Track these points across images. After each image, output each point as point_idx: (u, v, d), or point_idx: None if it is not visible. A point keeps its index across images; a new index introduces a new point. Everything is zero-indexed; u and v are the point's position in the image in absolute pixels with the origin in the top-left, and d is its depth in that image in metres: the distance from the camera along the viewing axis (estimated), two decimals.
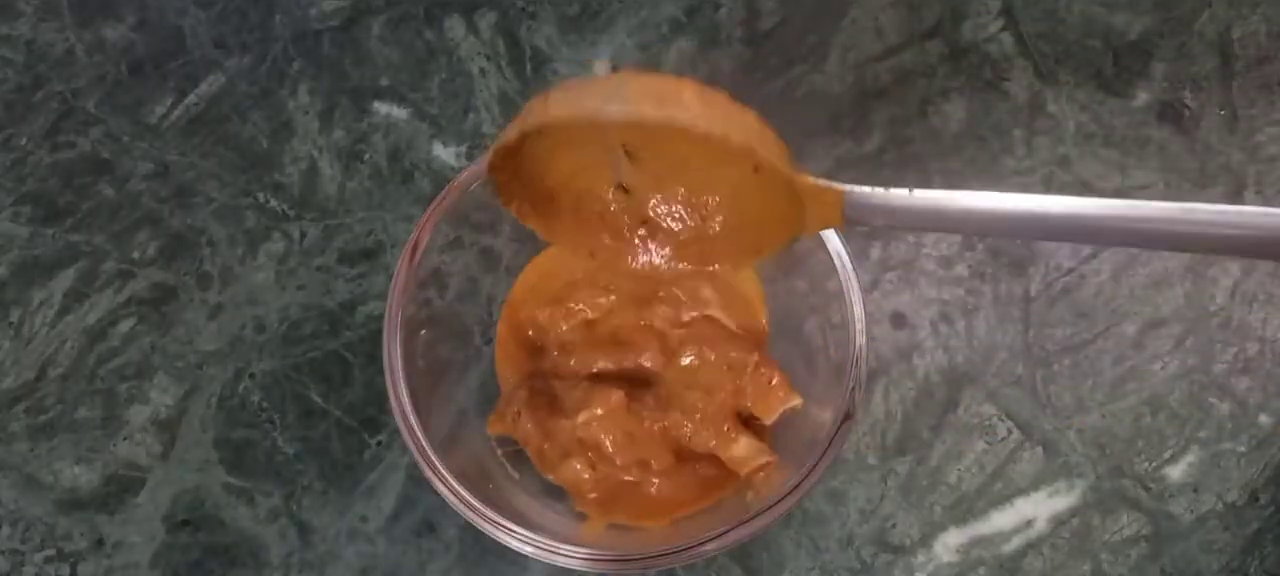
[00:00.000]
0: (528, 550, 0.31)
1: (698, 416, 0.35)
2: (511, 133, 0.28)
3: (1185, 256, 0.43)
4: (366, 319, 0.42)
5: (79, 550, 0.39)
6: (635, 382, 0.36)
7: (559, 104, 0.27)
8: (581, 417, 0.34)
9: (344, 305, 0.42)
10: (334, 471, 0.40)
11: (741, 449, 0.35)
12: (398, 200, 0.44)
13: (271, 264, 0.43)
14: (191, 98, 0.46)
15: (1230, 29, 0.47)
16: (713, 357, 0.36)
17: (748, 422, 0.36)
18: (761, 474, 0.35)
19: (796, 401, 0.36)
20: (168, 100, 0.46)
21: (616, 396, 0.34)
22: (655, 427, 0.35)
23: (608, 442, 0.34)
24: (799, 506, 0.38)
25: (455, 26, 0.48)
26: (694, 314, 0.37)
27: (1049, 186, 0.44)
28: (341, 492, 0.39)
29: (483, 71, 0.47)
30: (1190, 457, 0.40)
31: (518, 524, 0.31)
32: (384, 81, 0.46)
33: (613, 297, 0.37)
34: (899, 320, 0.42)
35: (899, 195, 0.26)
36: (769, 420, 0.35)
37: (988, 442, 0.40)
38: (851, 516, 0.39)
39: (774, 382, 0.35)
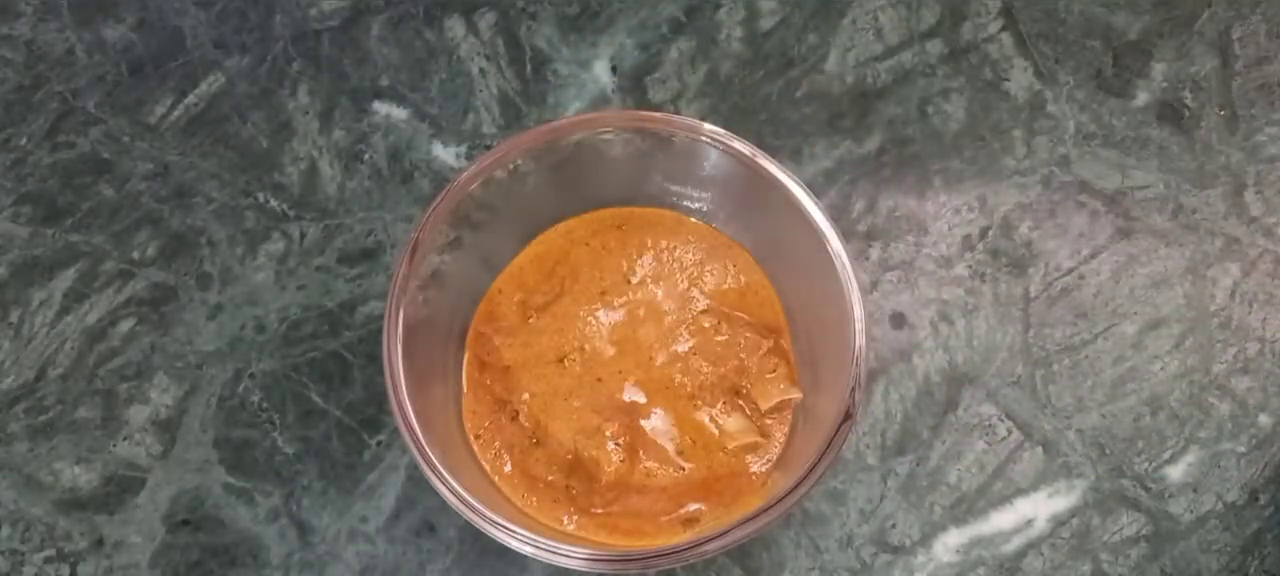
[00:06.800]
0: (528, 550, 0.31)
1: (699, 382, 0.36)
2: None
3: (1185, 256, 0.43)
4: (366, 319, 0.42)
5: (79, 550, 0.39)
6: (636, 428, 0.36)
7: None
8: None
9: (344, 305, 0.42)
10: (334, 471, 0.40)
11: (733, 423, 0.35)
12: (398, 200, 0.44)
13: (271, 264, 0.43)
14: (191, 98, 0.46)
15: (1230, 29, 0.47)
16: (727, 336, 0.36)
17: (744, 406, 0.36)
18: (749, 454, 0.35)
19: (795, 394, 0.36)
20: (168, 100, 0.46)
21: (610, 470, 0.34)
22: (658, 484, 0.35)
23: (606, 508, 0.35)
24: (799, 506, 0.38)
25: (455, 26, 0.48)
26: (706, 305, 0.38)
27: (1049, 186, 0.44)
28: (341, 492, 0.39)
29: (483, 71, 0.47)
30: (1190, 457, 0.40)
31: (518, 524, 0.31)
32: (384, 81, 0.46)
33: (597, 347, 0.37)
34: (899, 320, 0.42)
35: None
36: (764, 405, 0.36)
37: (988, 442, 0.40)
38: (851, 516, 0.39)
39: (777, 370, 0.36)
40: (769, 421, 0.36)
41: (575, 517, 0.35)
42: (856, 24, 0.48)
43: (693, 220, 0.39)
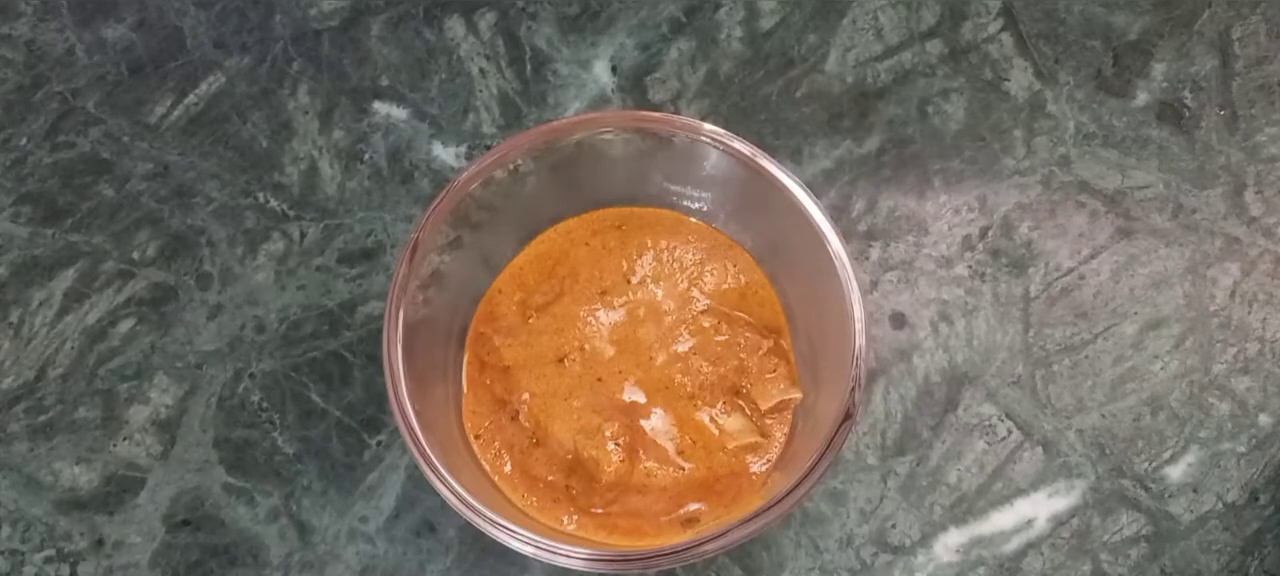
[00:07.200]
0: (528, 550, 0.31)
1: (699, 382, 0.36)
2: None
3: (1185, 256, 0.43)
4: (366, 319, 0.42)
5: (79, 550, 0.39)
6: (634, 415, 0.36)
7: None
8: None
9: (344, 305, 0.42)
10: (334, 471, 0.40)
11: (733, 423, 0.35)
12: (398, 200, 0.44)
13: (271, 264, 0.43)
14: (191, 98, 0.46)
15: (1230, 29, 0.47)
16: (727, 336, 0.36)
17: (744, 406, 0.36)
18: (749, 454, 0.35)
19: (795, 394, 0.36)
20: (168, 100, 0.46)
21: (610, 470, 0.34)
22: (658, 484, 0.35)
23: (606, 508, 0.35)
24: (799, 506, 0.38)
25: (455, 26, 0.48)
26: (706, 305, 0.38)
27: (1049, 186, 0.44)
28: (341, 492, 0.39)
29: (483, 71, 0.47)
30: (1190, 457, 0.40)
31: (518, 524, 0.31)
32: (384, 81, 0.46)
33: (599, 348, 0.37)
34: (899, 320, 0.42)
35: None
36: (764, 404, 0.36)
37: (988, 442, 0.40)
38: (851, 516, 0.39)
39: (777, 370, 0.36)
40: (769, 421, 0.36)
41: (575, 517, 0.35)
42: (856, 24, 0.48)
43: (693, 220, 0.39)
